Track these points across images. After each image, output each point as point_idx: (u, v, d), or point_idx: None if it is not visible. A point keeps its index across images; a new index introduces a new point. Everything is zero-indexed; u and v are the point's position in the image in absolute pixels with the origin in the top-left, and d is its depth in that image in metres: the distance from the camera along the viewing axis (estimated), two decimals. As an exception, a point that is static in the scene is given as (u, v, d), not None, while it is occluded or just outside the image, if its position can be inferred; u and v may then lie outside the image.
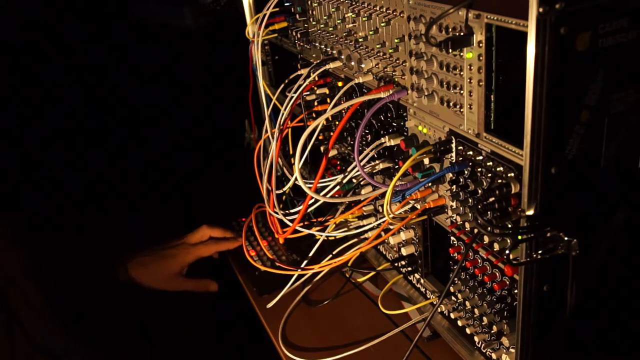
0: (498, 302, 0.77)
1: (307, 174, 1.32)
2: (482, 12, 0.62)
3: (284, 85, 1.08)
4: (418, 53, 0.77)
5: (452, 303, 0.87)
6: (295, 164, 0.87)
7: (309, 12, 1.08)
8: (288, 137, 1.12)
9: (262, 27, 1.13)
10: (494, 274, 0.75)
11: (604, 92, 0.60)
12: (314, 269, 0.97)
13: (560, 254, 0.61)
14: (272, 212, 1.00)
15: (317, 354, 0.99)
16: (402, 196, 0.82)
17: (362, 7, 0.88)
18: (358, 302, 1.10)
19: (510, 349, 0.76)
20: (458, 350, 0.88)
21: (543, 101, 0.56)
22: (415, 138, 0.85)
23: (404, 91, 0.82)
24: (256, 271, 1.13)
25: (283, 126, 1.00)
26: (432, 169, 0.81)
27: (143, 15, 1.90)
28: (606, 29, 0.57)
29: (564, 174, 0.61)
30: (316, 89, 1.07)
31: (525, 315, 0.68)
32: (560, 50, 0.55)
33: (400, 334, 0.97)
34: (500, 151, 0.67)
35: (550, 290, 0.66)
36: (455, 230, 0.81)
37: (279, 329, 1.05)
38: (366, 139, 1.01)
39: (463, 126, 0.72)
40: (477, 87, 0.67)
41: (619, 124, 0.63)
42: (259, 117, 1.32)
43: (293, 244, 1.16)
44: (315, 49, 1.10)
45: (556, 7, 0.52)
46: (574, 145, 0.60)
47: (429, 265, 0.96)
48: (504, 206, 0.66)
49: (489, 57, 0.64)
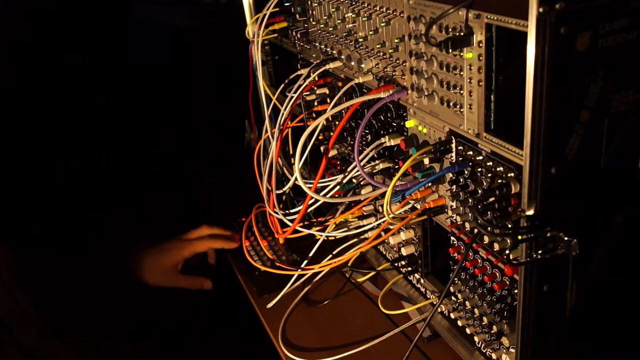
0: (498, 302, 0.77)
1: (307, 174, 1.32)
2: (482, 12, 0.62)
3: (284, 85, 1.08)
4: (418, 53, 0.77)
5: (452, 303, 0.87)
6: (295, 164, 0.87)
7: (309, 12, 1.08)
8: (288, 137, 1.12)
9: (262, 27, 1.13)
10: (494, 274, 0.75)
11: (604, 92, 0.60)
12: (314, 269, 0.97)
13: (560, 254, 0.61)
14: (272, 212, 1.00)
15: (317, 354, 0.98)
16: (402, 196, 0.82)
17: (362, 7, 0.88)
18: (358, 302, 1.10)
19: (510, 349, 0.76)
20: (458, 350, 0.88)
21: (543, 101, 0.56)
22: (415, 138, 0.85)
23: (404, 91, 0.82)
24: (256, 271, 1.13)
25: (283, 126, 1.00)
26: (432, 169, 0.81)
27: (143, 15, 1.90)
28: (606, 29, 0.57)
29: (564, 174, 0.61)
30: (316, 89, 1.07)
31: (525, 315, 0.68)
32: (560, 50, 0.55)
33: (400, 334, 0.97)
34: (500, 151, 0.67)
35: (550, 290, 0.66)
36: (455, 230, 0.81)
37: (279, 329, 1.05)
38: (366, 139, 1.01)
39: (463, 126, 0.72)
40: (477, 87, 0.67)
41: (619, 124, 0.63)
42: (259, 117, 1.32)
43: (293, 244, 1.16)
44: (315, 49, 1.10)
45: (556, 7, 0.52)
46: (574, 145, 0.60)
47: (429, 265, 0.96)
48: (504, 206, 0.66)
49: (489, 57, 0.64)
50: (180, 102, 1.80)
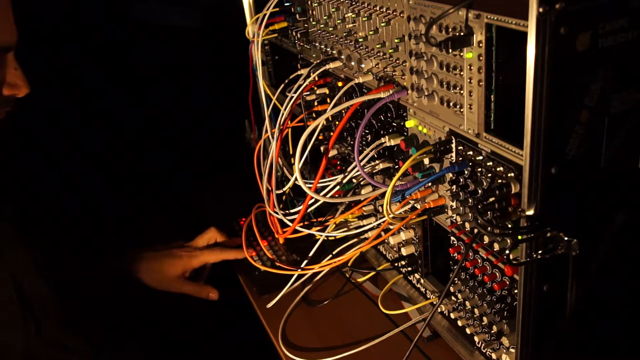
0: (498, 302, 0.77)
1: (307, 174, 1.32)
2: (482, 12, 0.62)
3: (284, 85, 1.08)
4: (418, 53, 0.77)
5: (452, 303, 0.87)
6: (295, 164, 0.87)
7: (309, 12, 1.08)
8: (288, 137, 1.12)
9: (262, 27, 1.13)
10: (494, 274, 0.75)
11: (604, 92, 0.60)
12: (314, 269, 0.98)
13: (560, 254, 0.61)
14: (272, 212, 1.00)
15: (317, 354, 0.98)
16: (402, 196, 0.82)
17: (362, 7, 0.88)
18: (358, 302, 1.10)
19: (510, 349, 0.76)
20: (458, 350, 0.88)
21: (543, 101, 0.56)
22: (415, 138, 0.85)
23: (404, 91, 0.82)
24: (256, 271, 1.13)
25: (283, 126, 1.00)
26: (432, 169, 0.81)
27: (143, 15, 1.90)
28: (606, 29, 0.57)
29: (564, 174, 0.61)
30: (316, 89, 1.07)
31: (525, 315, 0.68)
32: (560, 50, 0.55)
33: (400, 334, 0.97)
34: (500, 151, 0.67)
35: (550, 290, 0.66)
36: (455, 230, 0.81)
37: (279, 329, 1.05)
38: (366, 139, 1.01)
39: (463, 126, 0.72)
40: (477, 87, 0.67)
41: (619, 124, 0.63)
42: (259, 117, 1.32)
43: (293, 244, 1.16)
44: (315, 49, 1.10)
45: (556, 7, 0.52)
46: (574, 145, 0.60)
47: (429, 265, 0.96)
48: (504, 206, 0.66)
49: (489, 57, 0.64)
50: (180, 102, 1.79)
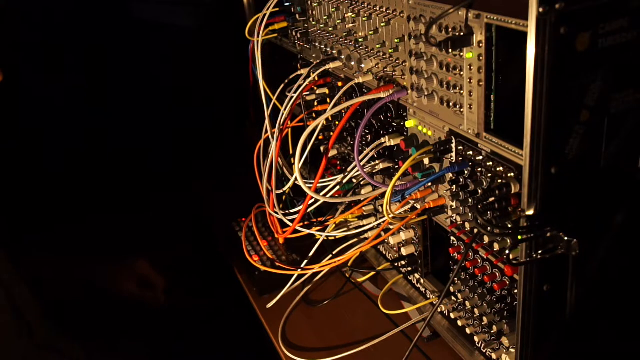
0: (498, 302, 0.77)
1: (307, 174, 1.32)
2: (482, 12, 0.62)
3: (284, 85, 1.08)
4: (418, 53, 0.77)
5: (452, 303, 0.87)
6: (295, 164, 0.87)
7: (309, 12, 1.08)
8: (288, 137, 1.12)
9: (262, 27, 1.13)
10: (494, 274, 0.75)
11: (604, 92, 0.60)
12: (314, 269, 0.98)
13: (560, 254, 0.61)
14: (272, 212, 1.00)
15: (317, 354, 0.98)
16: (402, 196, 0.82)
17: (362, 7, 0.88)
18: (358, 302, 1.10)
19: (510, 349, 0.76)
20: (458, 350, 0.88)
21: (543, 101, 0.56)
22: (415, 138, 0.85)
23: (404, 91, 0.82)
24: (256, 271, 1.13)
25: (283, 126, 1.00)
26: (432, 169, 0.81)
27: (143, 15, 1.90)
28: (606, 29, 0.57)
29: (564, 174, 0.61)
30: (316, 89, 1.07)
31: (525, 315, 0.68)
32: (560, 50, 0.55)
33: (400, 334, 0.97)
34: (500, 151, 0.67)
35: (550, 290, 0.66)
36: (455, 230, 0.81)
37: (279, 329, 1.05)
38: (366, 139, 1.01)
39: (463, 126, 0.72)
40: (477, 87, 0.67)
41: (619, 124, 0.63)
42: (259, 117, 1.32)
43: (293, 244, 1.16)
44: (315, 49, 1.10)
45: (556, 7, 0.52)
46: (574, 145, 0.60)
47: (429, 265, 0.96)
48: (504, 206, 0.66)
49: (489, 57, 0.64)
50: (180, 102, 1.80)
